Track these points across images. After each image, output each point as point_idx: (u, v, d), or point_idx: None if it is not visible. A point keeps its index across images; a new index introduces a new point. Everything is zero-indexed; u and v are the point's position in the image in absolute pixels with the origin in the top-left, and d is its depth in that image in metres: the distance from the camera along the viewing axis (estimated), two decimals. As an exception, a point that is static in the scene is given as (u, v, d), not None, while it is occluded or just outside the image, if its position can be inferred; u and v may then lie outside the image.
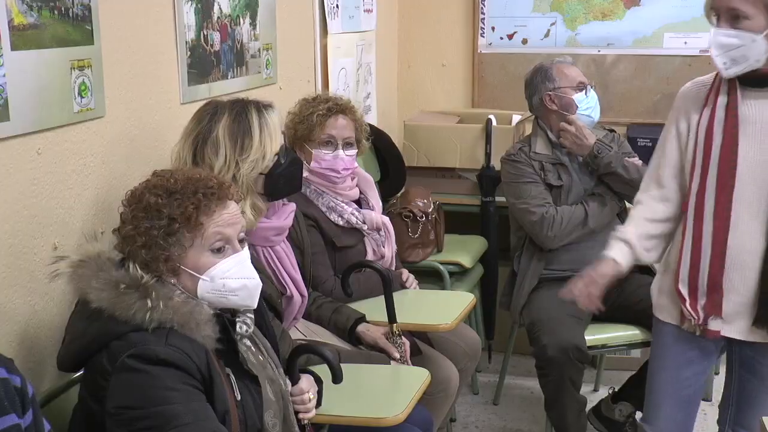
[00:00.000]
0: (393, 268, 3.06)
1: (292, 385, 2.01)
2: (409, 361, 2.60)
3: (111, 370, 1.65)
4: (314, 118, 2.82)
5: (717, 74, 2.27)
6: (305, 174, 2.78)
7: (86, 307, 1.71)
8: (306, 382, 2.04)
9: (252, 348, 1.88)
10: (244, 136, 2.27)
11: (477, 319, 3.88)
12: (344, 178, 2.88)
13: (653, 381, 2.48)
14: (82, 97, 2.09)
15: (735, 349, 2.40)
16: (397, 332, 2.59)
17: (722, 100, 2.23)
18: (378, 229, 2.97)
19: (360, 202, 3.00)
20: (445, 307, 2.80)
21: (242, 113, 2.30)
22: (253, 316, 1.88)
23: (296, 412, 2.00)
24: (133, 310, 1.67)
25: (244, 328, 1.83)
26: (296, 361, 2.03)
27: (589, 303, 2.36)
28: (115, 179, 2.25)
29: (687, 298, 2.27)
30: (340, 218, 2.86)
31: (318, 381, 2.09)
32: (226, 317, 1.79)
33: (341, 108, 2.87)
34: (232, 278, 1.77)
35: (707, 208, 2.23)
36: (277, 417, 1.86)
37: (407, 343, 2.61)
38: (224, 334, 1.77)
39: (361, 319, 2.64)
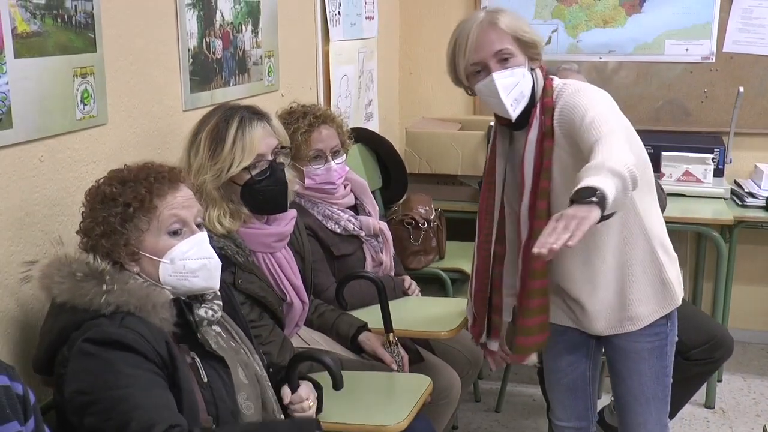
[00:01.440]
0: (393, 274, 3.06)
1: (292, 393, 2.01)
2: (407, 371, 2.59)
3: (69, 357, 1.66)
4: (298, 136, 2.77)
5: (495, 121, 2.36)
6: (296, 188, 2.78)
7: (54, 305, 1.74)
8: (305, 388, 2.04)
9: (222, 334, 1.90)
10: (218, 143, 2.27)
11: (479, 326, 3.87)
12: (339, 186, 2.88)
13: (544, 375, 2.61)
14: (84, 105, 2.10)
15: (607, 355, 2.48)
16: (393, 341, 2.58)
17: (499, 142, 2.33)
18: (376, 235, 2.96)
19: (357, 209, 3.00)
20: (447, 315, 2.80)
21: (226, 120, 2.29)
22: (220, 303, 1.90)
23: None
24: (90, 296, 1.69)
25: (210, 313, 1.85)
26: (296, 368, 2.03)
27: None
28: (118, 186, 2.25)
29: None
30: (336, 226, 2.85)
31: (317, 387, 2.09)
32: (182, 300, 1.80)
33: (322, 119, 2.84)
34: (191, 259, 1.79)
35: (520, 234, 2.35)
36: (251, 400, 1.87)
37: (406, 356, 2.61)
38: (183, 319, 1.79)
39: (363, 327, 2.63)
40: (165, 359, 1.69)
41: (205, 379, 1.79)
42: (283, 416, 1.98)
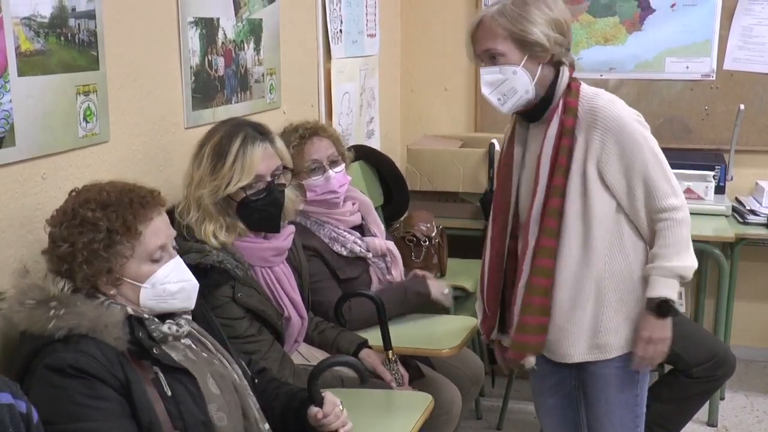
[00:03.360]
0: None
1: (317, 405, 1.95)
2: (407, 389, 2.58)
3: (30, 385, 1.66)
4: (291, 150, 2.75)
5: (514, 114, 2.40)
6: (301, 207, 2.78)
7: (20, 333, 1.73)
8: (330, 396, 1.99)
9: (193, 346, 1.89)
10: (219, 158, 2.28)
11: (480, 344, 3.86)
12: (342, 195, 2.87)
13: (532, 396, 2.66)
14: (87, 122, 2.10)
15: (580, 379, 2.47)
16: (393, 359, 2.57)
17: (518, 131, 2.38)
18: (383, 255, 2.95)
19: (362, 229, 2.99)
20: (449, 332, 2.79)
21: (230, 136, 2.30)
22: (188, 317, 1.90)
23: (335, 429, 1.95)
24: (41, 322, 1.69)
25: (174, 328, 1.83)
26: (316, 383, 1.96)
27: None
28: (120, 204, 2.25)
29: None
30: (343, 248, 2.84)
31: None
32: (134, 318, 1.77)
33: (313, 130, 2.85)
34: (171, 282, 1.82)
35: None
36: (222, 410, 1.83)
37: (406, 375, 2.60)
38: (145, 334, 1.78)
39: (364, 344, 2.63)
40: (121, 380, 1.69)
41: (169, 393, 1.76)
42: (267, 426, 1.93)
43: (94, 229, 1.74)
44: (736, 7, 4.18)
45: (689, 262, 2.24)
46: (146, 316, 1.80)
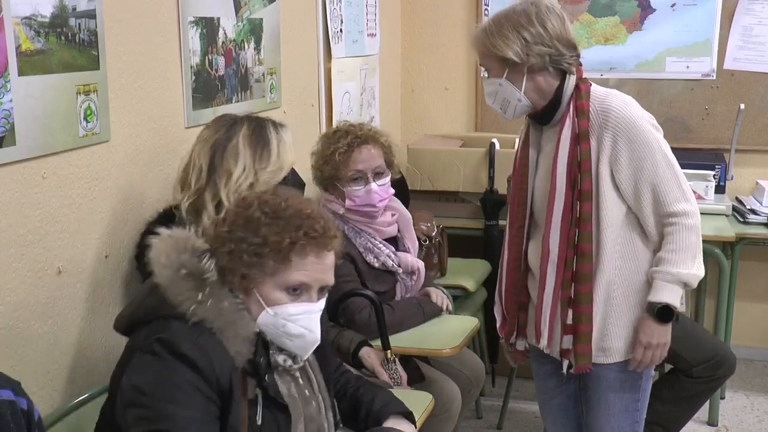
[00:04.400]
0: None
1: None
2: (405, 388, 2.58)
3: (140, 345, 1.65)
4: (337, 156, 2.76)
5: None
6: (341, 211, 2.77)
7: (152, 279, 1.71)
8: None
9: (299, 380, 1.82)
10: (263, 147, 2.26)
11: (481, 344, 3.87)
12: (381, 210, 2.84)
13: (536, 396, 2.67)
14: (87, 122, 2.10)
15: (581, 381, 2.48)
16: (391, 359, 2.57)
17: (531, 134, 2.40)
18: (412, 273, 2.93)
19: (396, 242, 2.96)
20: (449, 332, 2.79)
21: (261, 127, 2.29)
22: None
23: None
24: (182, 297, 1.66)
25: (289, 363, 1.77)
26: None
27: None
28: (120, 203, 2.26)
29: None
30: (375, 260, 2.82)
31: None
32: (261, 339, 1.73)
33: (363, 139, 2.80)
34: (295, 323, 1.72)
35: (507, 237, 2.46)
36: None
37: (404, 376, 2.60)
38: (265, 360, 1.73)
39: (363, 342, 2.63)
40: (224, 390, 1.65)
41: (259, 422, 1.71)
42: None
43: (253, 232, 1.69)
44: (736, 7, 4.19)
45: (695, 270, 2.22)
46: (270, 339, 1.74)
